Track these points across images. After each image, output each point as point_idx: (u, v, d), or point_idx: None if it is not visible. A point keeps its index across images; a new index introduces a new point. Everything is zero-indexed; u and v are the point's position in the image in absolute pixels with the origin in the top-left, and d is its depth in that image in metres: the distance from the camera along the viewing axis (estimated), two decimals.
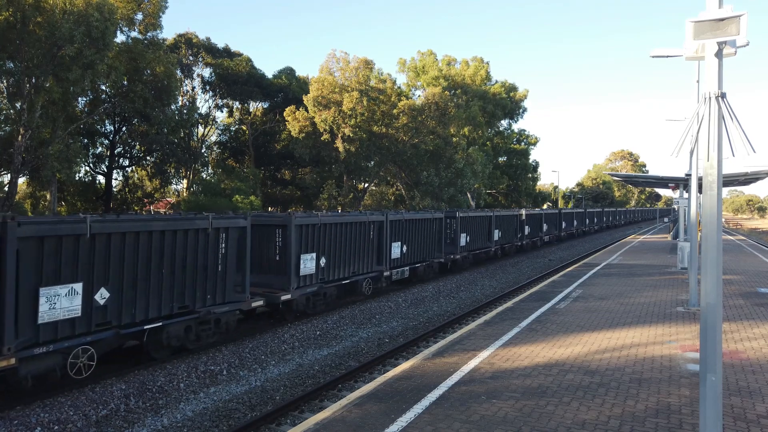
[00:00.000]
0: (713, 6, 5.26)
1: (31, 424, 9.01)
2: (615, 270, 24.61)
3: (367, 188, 47.81)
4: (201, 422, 9.68)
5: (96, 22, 23.50)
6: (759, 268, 25.54)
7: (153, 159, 39.48)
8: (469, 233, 28.65)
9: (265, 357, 13.14)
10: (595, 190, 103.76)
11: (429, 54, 54.84)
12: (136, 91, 30.00)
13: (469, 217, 28.63)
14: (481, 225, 30.73)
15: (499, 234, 33.03)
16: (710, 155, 5.41)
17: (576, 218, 56.40)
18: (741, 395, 8.41)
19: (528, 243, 39.40)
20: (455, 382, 9.08)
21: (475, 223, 29.63)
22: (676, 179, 25.26)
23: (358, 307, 18.54)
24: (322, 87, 37.35)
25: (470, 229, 28.84)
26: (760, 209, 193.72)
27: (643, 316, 14.23)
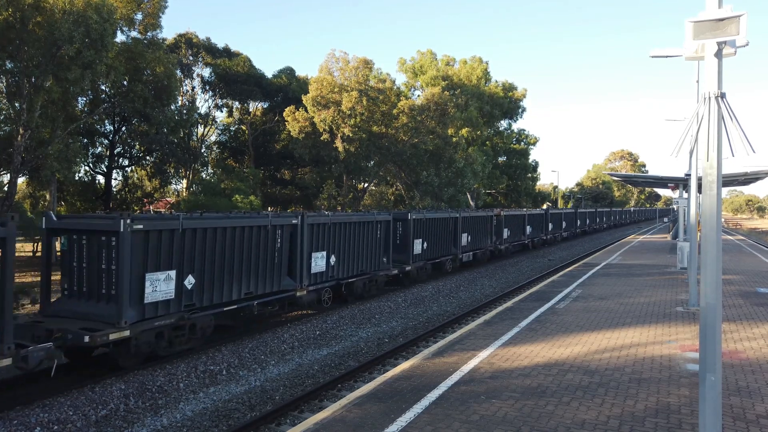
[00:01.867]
0: (713, 6, 5.27)
1: (31, 424, 9.01)
2: (615, 270, 24.61)
3: (367, 188, 47.80)
4: (201, 422, 9.68)
5: (95, 24, 23.49)
6: (758, 268, 25.55)
7: (153, 159, 39.45)
8: (428, 239, 24.31)
9: (264, 357, 13.14)
10: (595, 190, 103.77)
11: (428, 54, 54.83)
12: (136, 91, 29.98)
13: (426, 219, 24.13)
14: (443, 229, 25.99)
15: (468, 239, 28.76)
16: (710, 155, 5.41)
17: (566, 219, 52.32)
18: (740, 395, 8.41)
19: (507, 248, 35.52)
20: (455, 382, 9.08)
21: (434, 227, 25.08)
22: (676, 179, 25.28)
23: (357, 306, 18.55)
24: (322, 87, 37.34)
25: (429, 234, 24.43)
26: (759, 209, 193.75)
27: (642, 316, 14.23)
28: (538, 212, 43.60)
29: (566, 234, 52.77)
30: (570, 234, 54.77)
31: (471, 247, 29.38)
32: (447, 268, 26.96)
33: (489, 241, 32.24)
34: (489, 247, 32.24)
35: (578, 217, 58.88)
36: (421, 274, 24.35)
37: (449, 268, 27.21)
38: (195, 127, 42.42)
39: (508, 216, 35.35)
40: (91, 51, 24.03)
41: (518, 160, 64.01)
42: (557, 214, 49.91)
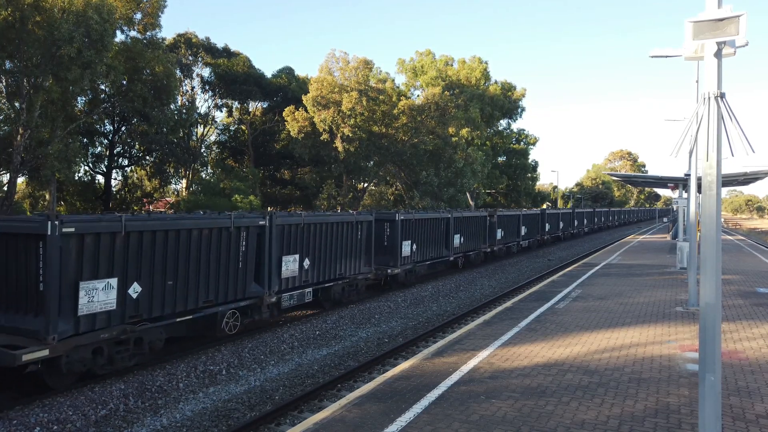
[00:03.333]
0: (712, 6, 5.27)
1: (30, 424, 9.00)
2: (614, 270, 24.62)
3: (367, 188, 47.81)
4: (200, 422, 9.68)
5: (95, 24, 23.50)
6: (758, 268, 25.56)
7: (152, 159, 39.47)
8: (417, 240, 23.01)
9: (264, 357, 13.14)
10: (595, 190, 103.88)
11: (427, 54, 54.84)
12: (136, 91, 29.98)
13: (415, 220, 22.79)
14: (434, 230, 24.92)
15: (461, 240, 27.61)
16: (709, 155, 5.41)
17: (563, 220, 50.90)
18: (740, 395, 8.41)
19: (501, 249, 34.29)
20: (454, 382, 9.08)
21: (424, 228, 23.86)
22: (676, 179, 25.29)
23: (357, 307, 18.55)
24: (322, 87, 37.35)
25: (418, 236, 23.16)
26: (759, 209, 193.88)
27: (642, 316, 14.23)
28: (533, 212, 42.04)
29: (564, 234, 51.50)
30: (568, 234, 53.40)
31: (464, 249, 28.32)
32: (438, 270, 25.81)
33: (482, 242, 31.07)
34: (483, 249, 31.09)
35: (576, 217, 57.42)
36: (410, 278, 23.08)
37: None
38: (195, 127, 42.45)
39: (502, 216, 34.08)
40: (92, 51, 24.05)
41: (518, 160, 64.04)
42: (554, 214, 48.48)
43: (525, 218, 38.90)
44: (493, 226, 32.67)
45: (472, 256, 29.67)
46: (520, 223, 37.70)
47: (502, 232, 33.79)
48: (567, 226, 52.61)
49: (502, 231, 33.78)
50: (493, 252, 33.05)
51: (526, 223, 39.25)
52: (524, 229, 38.59)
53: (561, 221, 49.90)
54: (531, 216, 40.68)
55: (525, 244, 39.11)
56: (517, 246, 37.77)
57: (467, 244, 28.59)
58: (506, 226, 34.86)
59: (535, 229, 41.54)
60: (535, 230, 41.54)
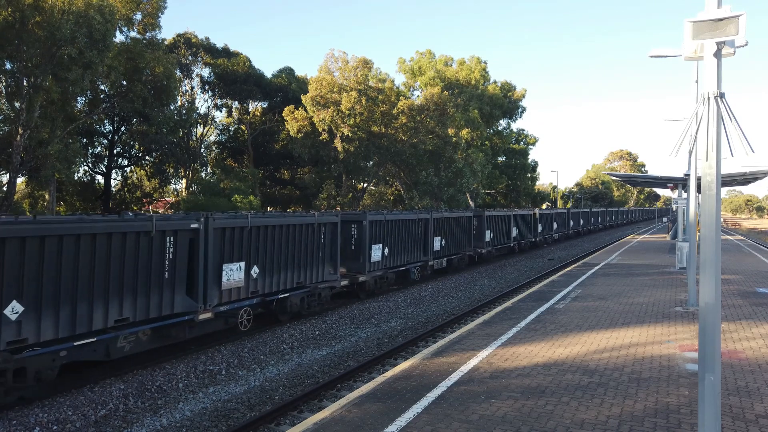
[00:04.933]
0: (712, 6, 5.27)
1: (30, 424, 9.00)
2: (614, 270, 24.62)
3: (366, 188, 47.81)
4: (200, 422, 9.67)
5: (98, 24, 23.51)
6: (757, 267, 25.57)
7: (152, 159, 39.49)
8: (390, 244, 21.02)
9: (264, 357, 13.14)
10: (594, 190, 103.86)
11: (427, 54, 54.85)
12: (135, 91, 29.98)
13: (387, 221, 20.74)
14: (410, 232, 22.63)
15: (442, 243, 25.52)
16: (709, 155, 5.41)
17: (557, 220, 48.66)
18: (740, 395, 8.42)
19: (490, 252, 32.36)
20: (454, 381, 9.09)
21: (398, 230, 21.67)
22: (675, 179, 25.29)
23: (357, 306, 18.55)
24: (321, 87, 37.35)
25: (391, 239, 21.12)
26: (758, 209, 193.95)
27: (641, 316, 14.24)
28: (525, 213, 39.68)
29: (558, 236, 49.24)
30: (562, 236, 51.41)
31: (445, 253, 26.11)
32: (414, 277, 23.04)
33: (467, 245, 28.89)
34: (467, 252, 28.93)
35: (571, 217, 55.13)
36: (381, 285, 20.84)
37: (417, 277, 23.28)
38: (194, 127, 42.46)
39: (490, 217, 31.77)
40: (93, 51, 24.05)
41: (517, 160, 64.06)
42: (547, 214, 46.19)
43: (516, 219, 37.02)
44: (481, 228, 30.67)
45: (455, 261, 27.45)
46: (511, 224, 35.80)
47: (491, 233, 31.76)
48: (561, 227, 50.72)
49: (491, 233, 31.77)
50: (480, 255, 30.78)
51: (518, 224, 37.35)
52: (515, 230, 36.71)
53: (555, 222, 47.93)
54: (522, 216, 38.70)
55: (516, 245, 37.21)
56: (509, 247, 35.90)
57: (450, 247, 26.53)
58: (495, 228, 32.87)
59: (527, 230, 39.79)
60: (527, 231, 39.79)
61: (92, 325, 10.45)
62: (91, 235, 10.41)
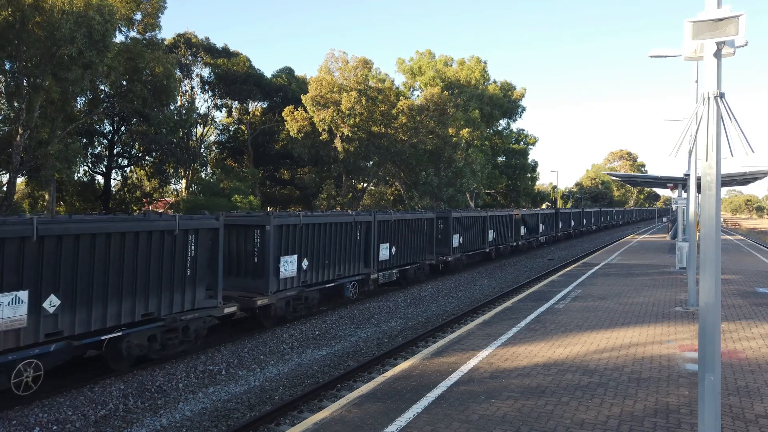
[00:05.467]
0: (712, 6, 5.27)
1: (30, 424, 9.00)
2: (614, 270, 24.62)
3: (366, 188, 47.81)
4: (200, 422, 9.67)
5: (97, 24, 23.52)
6: (757, 267, 25.58)
7: (152, 159, 39.48)
8: (313, 255, 16.85)
9: (263, 357, 13.14)
10: (594, 190, 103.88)
11: (426, 54, 54.86)
12: (135, 91, 29.98)
13: (308, 225, 16.61)
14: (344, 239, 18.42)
15: (393, 251, 21.49)
16: (709, 155, 5.41)
17: (543, 222, 44.19)
18: (739, 395, 8.42)
19: (460, 260, 27.98)
20: (454, 381, 9.08)
21: (326, 237, 17.47)
22: (675, 179, 25.30)
23: (357, 306, 18.55)
24: (321, 87, 37.35)
25: (315, 248, 16.96)
26: (758, 209, 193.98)
27: (641, 316, 14.24)
28: (504, 213, 35.42)
29: (544, 239, 44.63)
30: (549, 238, 46.72)
31: (397, 263, 21.99)
32: (349, 294, 18.79)
33: (427, 252, 24.84)
34: (428, 261, 24.79)
35: (560, 218, 50.18)
36: (297, 308, 16.26)
37: (352, 295, 18.95)
38: (194, 127, 42.46)
39: (459, 219, 27.67)
40: (93, 51, 24.05)
41: (517, 160, 64.07)
42: (531, 215, 41.89)
43: (493, 221, 32.73)
44: (448, 232, 26.56)
45: (411, 272, 23.25)
46: (486, 227, 31.53)
47: (460, 238, 27.79)
48: (549, 228, 46.35)
49: (460, 237, 27.79)
50: (446, 264, 26.91)
51: (495, 227, 33.10)
52: (492, 234, 32.52)
53: (541, 223, 43.59)
54: (501, 218, 34.38)
55: (492, 251, 32.94)
56: (484, 253, 31.84)
57: (403, 255, 22.41)
58: (467, 231, 28.79)
59: (506, 234, 35.42)
60: (506, 234, 35.44)
61: None
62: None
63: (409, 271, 23.13)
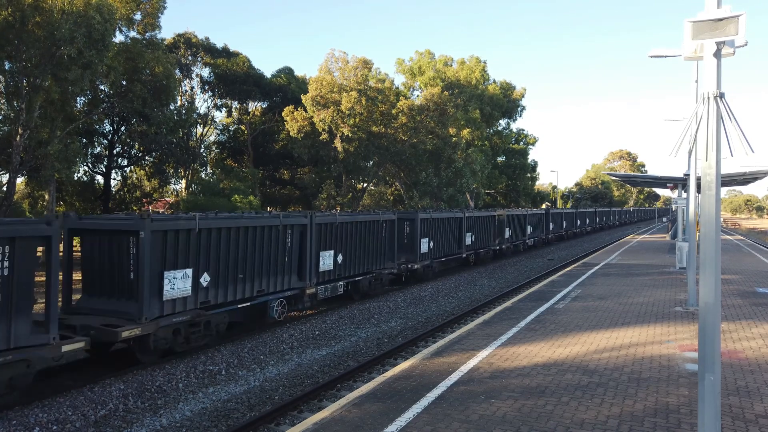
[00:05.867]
0: (712, 6, 5.27)
1: (30, 424, 9.00)
2: (614, 270, 24.63)
3: (366, 188, 47.81)
4: (200, 422, 9.67)
5: (97, 24, 23.51)
6: (757, 267, 25.58)
7: (152, 159, 39.48)
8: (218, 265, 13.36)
9: (263, 357, 13.14)
10: (594, 190, 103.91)
11: (426, 54, 54.84)
12: (135, 91, 29.96)
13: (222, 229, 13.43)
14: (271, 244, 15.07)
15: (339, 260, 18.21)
16: (709, 155, 5.41)
17: (532, 223, 40.81)
18: (739, 395, 8.42)
19: (429, 267, 24.57)
20: (454, 381, 9.09)
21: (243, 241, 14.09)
22: (675, 179, 25.31)
23: (357, 306, 18.54)
24: (321, 87, 37.35)
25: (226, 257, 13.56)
26: (758, 209, 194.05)
27: (641, 316, 14.24)
28: (485, 214, 31.33)
29: (532, 241, 41.23)
30: (539, 241, 43.41)
31: (345, 273, 18.62)
32: (274, 315, 15.30)
33: (388, 259, 21.52)
34: (387, 270, 21.24)
35: (551, 219, 46.60)
36: (194, 337, 12.72)
37: (278, 315, 15.41)
38: (194, 127, 42.44)
39: (428, 221, 24.18)
40: (93, 51, 24.04)
41: (517, 160, 64.08)
42: (518, 216, 38.01)
43: (471, 222, 29.22)
44: (414, 235, 23.21)
45: (363, 283, 19.70)
46: (463, 230, 27.96)
47: (430, 242, 24.48)
48: (537, 230, 42.53)
49: (430, 241, 24.49)
50: (413, 272, 23.32)
51: (475, 229, 29.62)
52: (471, 237, 29.04)
53: (529, 225, 39.98)
54: (481, 219, 30.56)
55: (471, 256, 29.69)
56: (460, 258, 28.52)
57: (352, 265, 19.05)
58: (438, 235, 25.38)
59: (488, 236, 31.85)
60: (488, 237, 31.88)
61: None
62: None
63: (362, 283, 19.61)
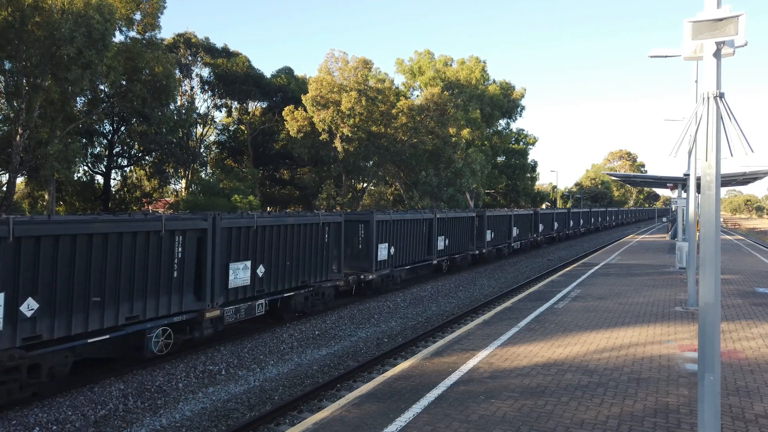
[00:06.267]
0: (712, 6, 5.27)
1: (30, 424, 9.00)
2: (613, 270, 24.63)
3: (366, 188, 47.82)
4: (200, 422, 9.67)
5: (97, 24, 23.52)
6: (757, 267, 25.58)
7: (151, 159, 39.49)
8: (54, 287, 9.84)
9: (263, 357, 13.14)
10: (594, 190, 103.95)
11: (426, 54, 54.84)
12: (135, 91, 29.97)
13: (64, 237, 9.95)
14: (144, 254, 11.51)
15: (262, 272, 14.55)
16: (708, 155, 5.41)
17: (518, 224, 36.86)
18: (739, 395, 8.42)
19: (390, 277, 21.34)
20: (454, 381, 9.09)
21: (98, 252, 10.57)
22: (675, 179, 25.32)
23: (357, 306, 18.55)
24: (321, 87, 37.36)
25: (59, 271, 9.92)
26: (758, 209, 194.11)
27: (641, 316, 14.24)
28: (462, 215, 27.82)
29: (518, 245, 37.34)
30: (526, 244, 39.41)
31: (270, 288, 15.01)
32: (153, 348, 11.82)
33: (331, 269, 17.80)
34: (329, 282, 17.47)
35: (541, 220, 42.40)
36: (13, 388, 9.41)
37: (159, 350, 11.98)
38: (194, 127, 42.45)
39: (387, 223, 20.78)
40: (93, 51, 24.05)
41: (517, 160, 64.10)
42: (502, 217, 34.02)
43: (445, 225, 25.75)
44: (369, 240, 19.89)
45: (297, 299, 16.08)
46: (434, 233, 24.61)
47: (391, 248, 21.16)
48: (525, 233, 39.07)
49: (391, 247, 21.19)
50: (368, 283, 19.85)
51: (448, 232, 26.24)
52: (444, 241, 25.62)
53: (515, 227, 35.94)
54: (457, 221, 27.14)
55: (444, 262, 26.43)
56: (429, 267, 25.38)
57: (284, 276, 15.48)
58: (402, 239, 21.99)
59: (463, 241, 28.18)
60: (466, 241, 28.37)
61: None
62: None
63: (295, 300, 16.00)
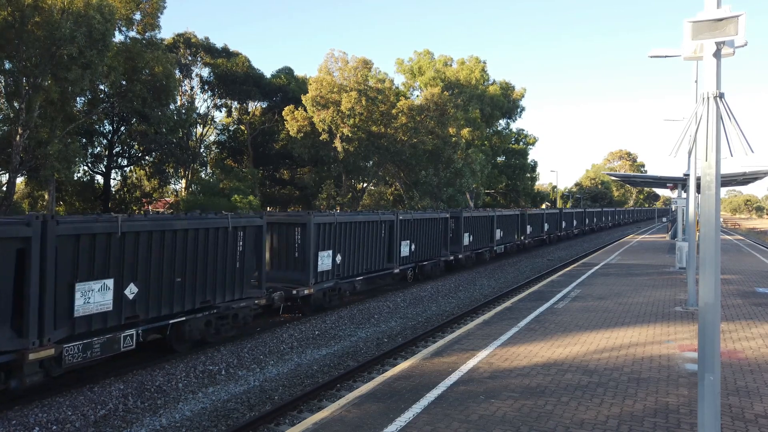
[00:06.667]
0: (711, 6, 5.27)
1: (30, 424, 9.00)
2: (613, 270, 24.63)
3: (366, 188, 47.82)
4: (199, 422, 9.67)
5: (98, 24, 23.53)
6: (757, 267, 25.58)
7: (151, 159, 39.50)
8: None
9: (263, 357, 13.14)
10: (594, 190, 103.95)
11: (425, 54, 54.84)
12: (135, 91, 29.98)
13: None
14: None
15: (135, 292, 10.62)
16: (708, 155, 5.41)
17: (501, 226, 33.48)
18: (739, 395, 8.42)
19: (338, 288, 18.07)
20: (454, 381, 9.09)
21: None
22: (675, 179, 25.32)
23: (356, 306, 18.54)
24: (321, 87, 37.37)
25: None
26: (757, 209, 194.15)
27: (641, 316, 14.24)
28: (432, 216, 24.93)
29: (502, 248, 33.98)
30: (512, 247, 36.27)
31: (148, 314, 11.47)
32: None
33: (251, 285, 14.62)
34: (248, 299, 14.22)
35: (529, 222, 39.05)
36: None
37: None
38: (194, 127, 42.46)
39: (335, 226, 17.85)
40: (93, 51, 24.06)
41: (517, 160, 64.12)
42: (483, 218, 30.83)
43: (412, 228, 22.84)
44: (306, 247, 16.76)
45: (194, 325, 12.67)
46: (397, 237, 21.65)
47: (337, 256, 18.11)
48: (510, 235, 35.42)
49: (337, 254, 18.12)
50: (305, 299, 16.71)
51: (415, 236, 23.18)
52: (409, 246, 22.65)
53: (498, 229, 32.73)
54: (427, 223, 24.26)
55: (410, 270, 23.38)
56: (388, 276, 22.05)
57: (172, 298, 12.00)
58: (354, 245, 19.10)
59: (437, 245, 25.39)
60: (437, 246, 25.39)
61: None
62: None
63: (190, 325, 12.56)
